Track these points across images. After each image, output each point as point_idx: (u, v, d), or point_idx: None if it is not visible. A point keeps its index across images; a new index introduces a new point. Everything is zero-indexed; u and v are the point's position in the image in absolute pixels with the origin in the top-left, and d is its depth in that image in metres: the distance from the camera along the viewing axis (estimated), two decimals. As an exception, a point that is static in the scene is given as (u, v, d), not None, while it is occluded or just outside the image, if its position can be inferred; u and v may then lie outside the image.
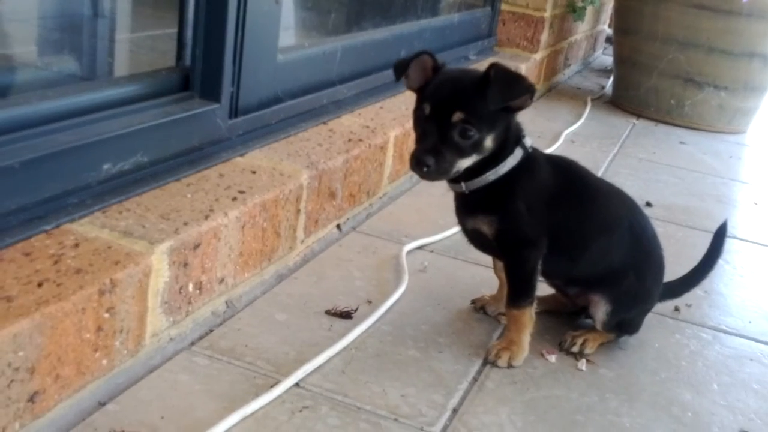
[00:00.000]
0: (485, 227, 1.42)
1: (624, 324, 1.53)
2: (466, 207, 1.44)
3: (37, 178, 1.21)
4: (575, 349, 1.49)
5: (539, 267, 1.43)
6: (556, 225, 1.42)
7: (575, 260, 1.48)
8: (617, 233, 1.49)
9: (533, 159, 1.42)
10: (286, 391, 1.25)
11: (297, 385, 1.27)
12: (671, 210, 2.38)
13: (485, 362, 1.42)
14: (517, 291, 1.44)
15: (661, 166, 2.85)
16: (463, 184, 1.40)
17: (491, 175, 1.38)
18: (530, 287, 1.44)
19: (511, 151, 1.39)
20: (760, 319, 1.76)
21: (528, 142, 1.41)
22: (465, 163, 1.35)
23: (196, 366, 1.28)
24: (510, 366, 1.41)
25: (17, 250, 1.13)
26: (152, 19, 2.24)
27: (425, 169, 1.32)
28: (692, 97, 3.43)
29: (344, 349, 1.38)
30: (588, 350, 1.49)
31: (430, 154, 1.31)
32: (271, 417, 1.19)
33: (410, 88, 1.42)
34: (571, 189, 1.46)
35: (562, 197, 1.44)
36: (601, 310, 1.48)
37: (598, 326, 1.50)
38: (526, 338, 1.44)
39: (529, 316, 1.44)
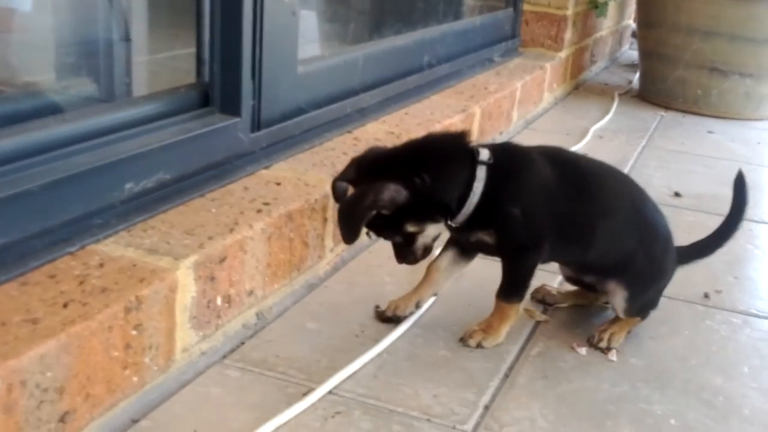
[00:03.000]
0: (487, 238, 1.42)
1: (645, 306, 1.51)
2: (464, 229, 1.43)
3: (59, 200, 1.23)
4: (603, 344, 1.48)
5: (536, 268, 1.44)
6: (559, 215, 1.41)
7: (586, 247, 1.46)
8: (621, 214, 1.48)
9: (507, 165, 1.40)
10: (318, 399, 1.25)
11: (330, 392, 1.27)
12: (701, 199, 2.36)
13: (463, 343, 1.45)
14: (511, 288, 1.44)
15: (690, 156, 2.82)
16: (449, 222, 1.40)
17: (469, 207, 1.38)
18: (524, 287, 1.45)
19: (471, 178, 1.37)
20: (791, 302, 1.74)
21: (484, 155, 1.39)
22: (425, 239, 1.42)
23: (228, 379, 1.29)
24: (479, 346, 1.43)
25: (42, 273, 1.14)
26: (175, 39, 2.26)
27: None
28: (718, 86, 3.39)
29: (377, 354, 1.38)
30: (615, 343, 1.48)
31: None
32: (304, 424, 1.19)
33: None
34: (565, 177, 1.44)
35: (558, 187, 1.42)
36: (619, 297, 1.47)
37: (621, 314, 1.49)
38: (504, 328, 1.45)
39: (515, 310, 1.45)
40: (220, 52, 1.58)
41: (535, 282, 1.62)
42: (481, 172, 1.37)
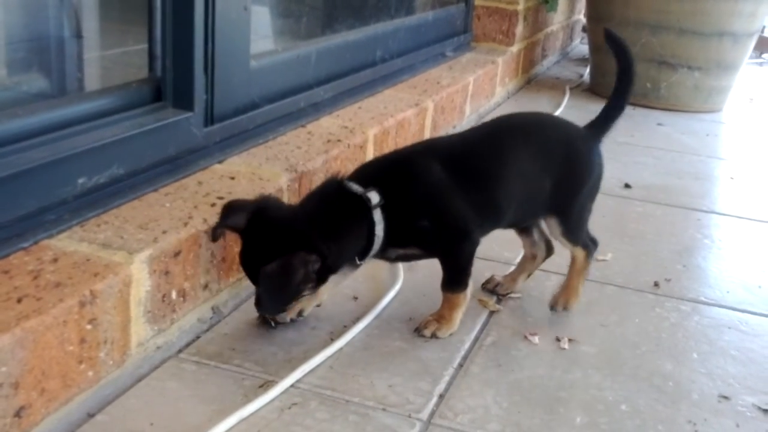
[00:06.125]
0: (416, 251, 1.46)
1: (579, 225, 1.57)
2: (378, 254, 1.44)
3: (11, 196, 1.22)
4: (559, 308, 1.57)
5: (475, 253, 1.46)
6: (476, 196, 1.43)
7: (519, 206, 1.50)
8: (533, 161, 1.50)
9: (400, 190, 1.40)
10: (274, 390, 1.25)
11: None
12: (650, 190, 2.41)
13: (418, 333, 1.46)
14: (453, 279, 1.47)
15: (639, 148, 2.87)
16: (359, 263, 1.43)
17: (375, 247, 1.39)
18: (466, 274, 1.47)
19: (371, 226, 1.38)
20: (738, 289, 1.78)
21: (374, 198, 1.37)
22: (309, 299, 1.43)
23: (183, 372, 1.29)
24: (434, 336, 1.45)
25: (-5, 268, 1.14)
26: (128, 35, 2.25)
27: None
28: (667, 79, 3.45)
29: (331, 345, 1.39)
30: (571, 305, 1.57)
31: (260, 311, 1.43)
32: (261, 416, 1.20)
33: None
34: (460, 161, 1.45)
35: (459, 172, 1.43)
36: (553, 224, 1.54)
37: (563, 241, 1.55)
38: (457, 316, 1.47)
39: (463, 297, 1.47)
40: (172, 47, 1.58)
41: (486, 273, 1.67)
42: (377, 215, 1.38)
